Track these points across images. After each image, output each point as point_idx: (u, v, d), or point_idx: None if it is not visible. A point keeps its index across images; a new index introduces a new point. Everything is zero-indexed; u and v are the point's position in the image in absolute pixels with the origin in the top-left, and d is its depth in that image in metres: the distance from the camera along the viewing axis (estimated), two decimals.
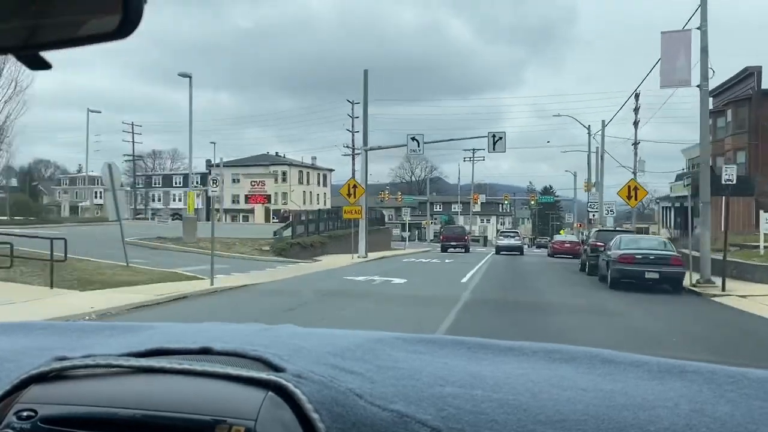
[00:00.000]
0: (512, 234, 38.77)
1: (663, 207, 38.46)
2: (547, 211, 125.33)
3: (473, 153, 59.82)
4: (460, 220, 69.18)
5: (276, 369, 0.67)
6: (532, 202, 48.56)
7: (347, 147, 33.16)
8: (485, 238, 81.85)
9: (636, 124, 34.06)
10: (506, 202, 49.65)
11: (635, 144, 34.03)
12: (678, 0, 17.03)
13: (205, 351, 0.73)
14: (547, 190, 50.05)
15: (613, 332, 8.47)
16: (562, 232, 58.67)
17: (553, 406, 0.62)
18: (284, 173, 74.37)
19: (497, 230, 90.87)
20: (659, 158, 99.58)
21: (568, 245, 32.34)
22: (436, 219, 75.19)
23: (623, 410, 0.61)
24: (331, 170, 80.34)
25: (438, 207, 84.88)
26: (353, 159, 32.49)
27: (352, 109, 32.13)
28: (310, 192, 76.80)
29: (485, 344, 0.81)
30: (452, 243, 35.54)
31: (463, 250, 34.98)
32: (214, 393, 0.65)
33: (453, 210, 77.39)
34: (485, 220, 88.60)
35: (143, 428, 0.63)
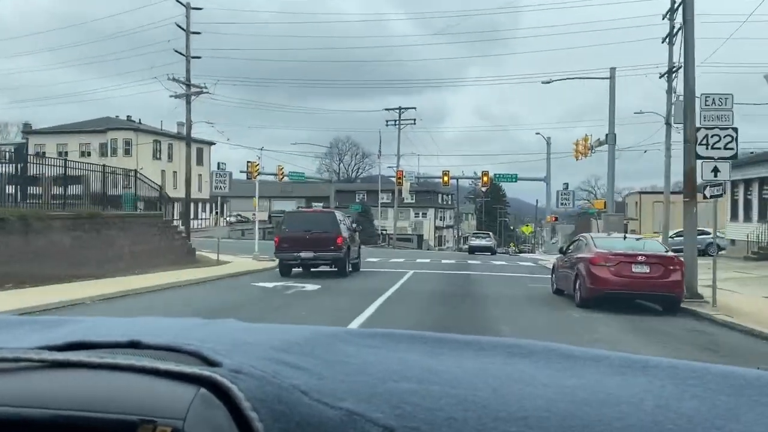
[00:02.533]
0: (484, 235, 46.65)
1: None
2: (494, 205, 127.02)
3: (399, 112, 57.30)
4: (389, 214, 67.07)
5: (212, 364, 0.70)
6: (484, 179, 46.65)
7: (175, 80, 29.55)
8: (419, 237, 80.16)
9: (672, 35, 29.50)
10: (445, 184, 47.41)
11: (671, 71, 30.30)
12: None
13: (134, 345, 0.76)
14: (502, 178, 48.46)
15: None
16: (525, 228, 57.91)
17: (514, 402, 0.67)
18: (127, 143, 61.79)
19: (435, 227, 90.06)
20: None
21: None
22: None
23: (586, 406, 0.66)
24: (211, 143, 68.42)
25: (361, 196, 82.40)
26: (188, 104, 29.00)
27: (187, 20, 28.44)
28: (174, 171, 65.11)
29: (443, 339, 0.85)
30: (297, 252, 19.08)
31: (329, 265, 19.78)
32: (139, 390, 0.67)
33: (384, 201, 75.27)
34: (420, 214, 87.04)
35: (54, 429, 0.65)
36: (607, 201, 31.65)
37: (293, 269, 20.03)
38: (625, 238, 13.55)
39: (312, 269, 20.40)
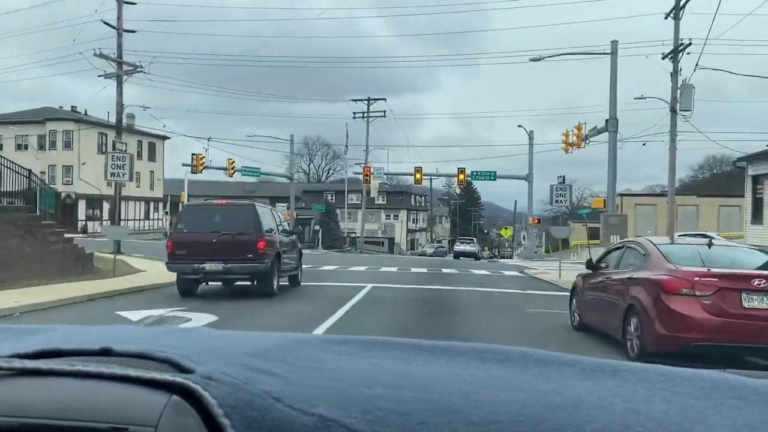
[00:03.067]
0: (468, 241, 51.93)
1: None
2: (469, 208, 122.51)
3: (368, 103, 51.90)
4: (359, 216, 61.38)
5: (184, 371, 0.70)
6: (460, 178, 41.45)
7: (102, 57, 24.31)
8: (391, 240, 74.72)
9: (679, 8, 25.90)
10: (417, 182, 41.97)
11: (677, 50, 26.27)
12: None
13: (106, 352, 0.76)
14: (479, 176, 43.00)
15: None
16: (505, 231, 52.66)
17: (486, 406, 0.67)
18: (68, 135, 55.22)
19: (408, 230, 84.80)
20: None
21: None
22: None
23: (559, 410, 0.67)
24: (165, 138, 62.26)
25: (329, 197, 76.66)
26: (119, 85, 24.15)
27: None
28: None
29: (416, 345, 0.86)
30: (199, 263, 13.28)
31: (249, 280, 13.99)
32: (110, 397, 0.67)
33: (353, 202, 69.62)
34: (392, 216, 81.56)
35: None
36: (607, 199, 26.39)
37: (200, 285, 14.14)
38: (710, 244, 7.95)
39: (226, 284, 14.66)
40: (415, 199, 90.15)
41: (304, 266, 18.39)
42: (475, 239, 50.50)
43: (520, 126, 44.56)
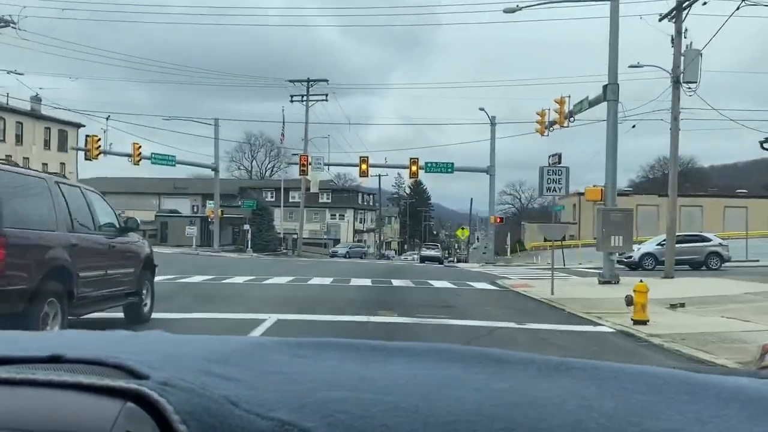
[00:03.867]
0: (433, 246, 55.23)
1: None
2: (419, 208, 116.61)
3: (307, 85, 44.91)
4: (304, 215, 54.14)
5: (139, 377, 0.69)
6: (412, 170, 34.87)
7: None
8: (335, 241, 67.62)
9: None
10: (363, 174, 35.06)
11: (681, 8, 21.52)
12: None
13: (55, 359, 0.74)
14: (435, 167, 36.15)
15: None
16: (461, 232, 46.12)
17: (444, 407, 0.68)
18: None
19: (354, 230, 77.87)
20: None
21: None
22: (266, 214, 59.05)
23: (514, 409, 0.68)
24: (78, 125, 54.90)
25: (269, 195, 68.99)
26: None
27: None
28: (25, 158, 49.81)
29: (375, 346, 0.86)
30: None
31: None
32: (60, 406, 0.65)
33: (294, 200, 62.28)
34: (338, 216, 74.42)
35: None
36: (606, 190, 20.01)
37: None
38: None
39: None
40: (363, 198, 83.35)
41: (201, 278, 11.54)
42: (439, 245, 48.39)
43: (481, 109, 38.21)
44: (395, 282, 20.03)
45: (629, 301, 11.43)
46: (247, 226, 43.73)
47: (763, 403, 0.70)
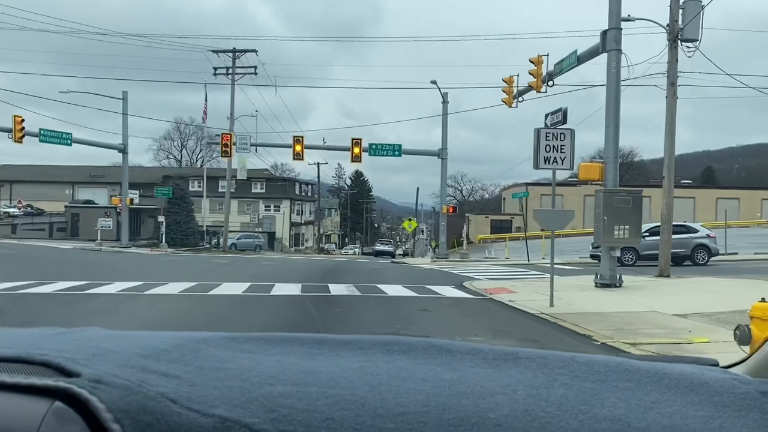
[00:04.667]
0: (387, 242, 62.56)
1: None
2: (360, 199, 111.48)
3: (233, 56, 39.19)
4: (234, 207, 48.01)
5: (69, 375, 0.66)
6: (355, 151, 29.71)
7: None
8: (270, 235, 61.75)
9: None
10: (297, 156, 29.54)
11: None
12: None
13: None
14: (380, 150, 30.68)
15: None
16: (408, 224, 41.09)
17: (393, 398, 0.67)
18: None
19: (291, 223, 72.07)
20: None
21: None
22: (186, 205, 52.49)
23: (463, 398, 0.67)
24: None
25: (196, 185, 62.39)
26: None
27: None
28: None
29: (321, 339, 0.84)
30: None
31: None
32: None
33: (222, 190, 56.06)
34: (273, 207, 68.42)
35: None
36: (606, 166, 15.32)
37: None
38: None
39: None
40: (301, 188, 77.49)
41: (64, 284, 11.19)
42: (391, 241, 41.59)
43: (433, 82, 33.26)
44: (334, 288, 14.78)
45: (744, 336, 6.50)
46: (161, 218, 37.55)
47: (704, 389, 0.71)
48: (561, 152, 12.09)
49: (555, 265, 12.55)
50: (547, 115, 14.82)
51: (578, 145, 12.67)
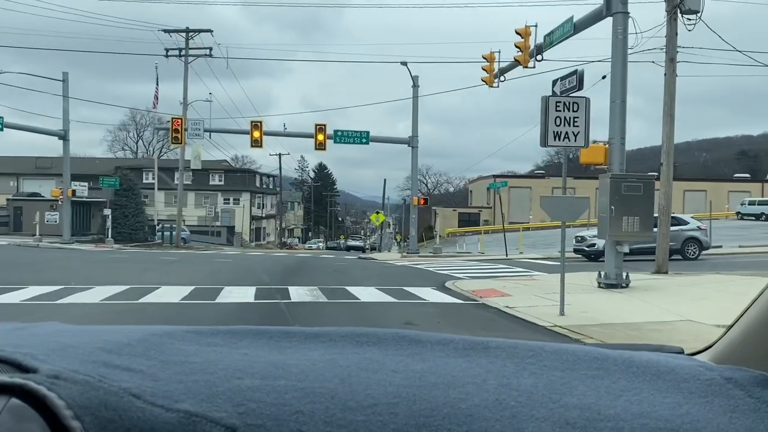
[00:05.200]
0: (357, 238, 65.25)
1: None
2: (324, 192, 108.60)
3: (186, 36, 36.31)
4: (189, 199, 44.91)
5: (26, 370, 0.64)
6: (319, 138, 27.21)
7: None
8: (230, 229, 58.77)
9: None
10: (255, 143, 26.79)
11: None
12: None
13: None
14: (347, 137, 27.99)
15: None
16: (375, 216, 38.58)
17: (363, 390, 0.66)
18: None
19: (252, 216, 69.01)
20: None
21: None
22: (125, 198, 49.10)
23: (434, 389, 0.67)
24: None
25: (151, 177, 58.86)
26: None
27: None
28: None
29: (290, 332, 0.83)
30: None
31: None
32: None
33: (176, 182, 52.85)
34: (232, 200, 65.24)
35: None
36: (612, 147, 13.22)
37: None
38: None
39: None
40: (262, 181, 74.44)
41: None
42: (362, 236, 43.32)
43: (403, 64, 30.84)
44: (295, 293, 12.28)
45: None
46: (107, 211, 34.37)
47: (671, 376, 0.72)
48: (574, 125, 9.80)
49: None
50: (555, 82, 12.45)
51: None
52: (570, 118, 9.83)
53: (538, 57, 17.89)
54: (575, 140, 9.81)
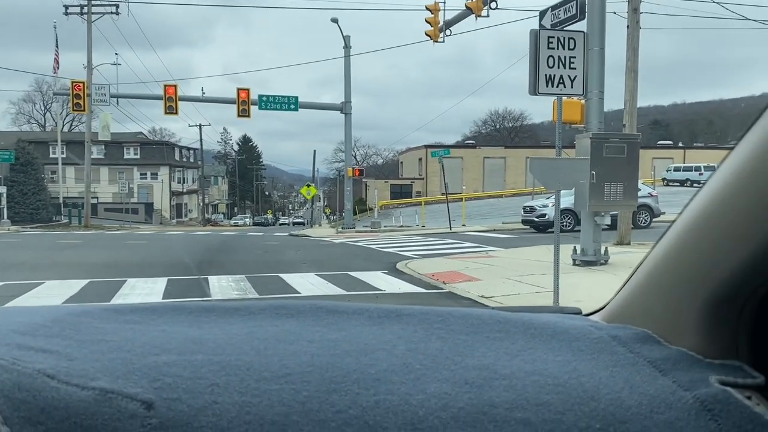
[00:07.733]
0: (300, 216, 65.67)
1: None
2: (249, 166, 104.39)
3: None
4: (101, 175, 40.61)
5: None
6: (241, 96, 24.12)
7: None
8: (148, 206, 54.77)
9: None
10: (169, 110, 23.61)
11: None
12: None
13: None
14: (273, 102, 24.99)
15: None
16: (306, 190, 35.88)
17: (278, 361, 0.68)
18: None
19: (172, 192, 64.86)
20: None
21: None
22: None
23: (346, 357, 0.70)
24: None
25: (59, 149, 53.83)
26: None
27: None
28: None
29: (208, 307, 0.84)
30: None
31: None
32: None
33: (95, 157, 48.29)
34: (149, 175, 60.89)
35: None
36: (589, 105, 11.30)
37: None
38: None
39: None
40: (182, 154, 70.07)
41: None
42: (302, 213, 44.46)
43: (334, 20, 28.12)
44: (217, 286, 9.85)
45: None
46: (2, 188, 30.33)
47: (564, 336, 0.76)
48: (571, 67, 7.71)
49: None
50: (543, 13, 10.16)
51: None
52: (565, 57, 7.75)
53: (492, 4, 15.76)
54: (572, 86, 7.76)
